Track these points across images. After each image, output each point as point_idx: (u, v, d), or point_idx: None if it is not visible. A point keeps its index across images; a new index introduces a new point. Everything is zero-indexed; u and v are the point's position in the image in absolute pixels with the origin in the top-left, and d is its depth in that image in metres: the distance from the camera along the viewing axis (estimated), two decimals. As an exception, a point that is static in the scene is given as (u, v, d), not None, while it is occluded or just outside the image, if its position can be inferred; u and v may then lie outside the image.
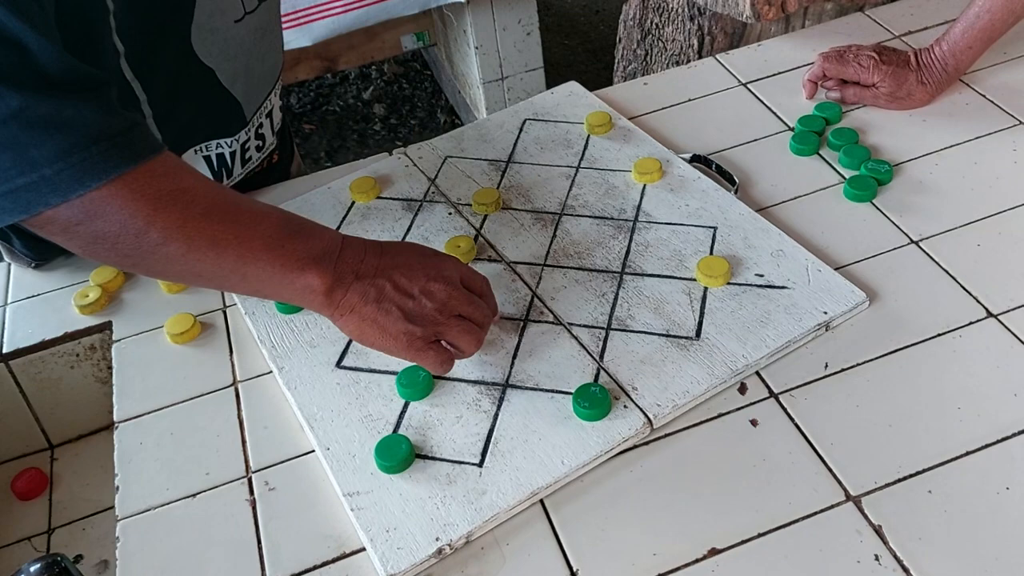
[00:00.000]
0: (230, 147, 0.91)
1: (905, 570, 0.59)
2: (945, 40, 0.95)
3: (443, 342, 0.70)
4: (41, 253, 0.93)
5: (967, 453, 0.65)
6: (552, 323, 0.78)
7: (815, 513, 0.63)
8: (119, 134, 0.62)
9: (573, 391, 0.70)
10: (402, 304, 0.68)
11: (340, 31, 2.06)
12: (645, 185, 0.90)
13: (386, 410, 0.72)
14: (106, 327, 0.86)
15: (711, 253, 0.82)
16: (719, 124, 0.99)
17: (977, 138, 0.91)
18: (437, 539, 0.63)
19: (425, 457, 0.69)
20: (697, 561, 0.61)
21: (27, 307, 0.90)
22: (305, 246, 0.67)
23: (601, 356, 0.74)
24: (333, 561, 0.64)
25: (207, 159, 0.91)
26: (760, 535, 0.62)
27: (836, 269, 0.79)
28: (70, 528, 0.84)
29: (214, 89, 0.86)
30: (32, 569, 0.61)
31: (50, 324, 0.87)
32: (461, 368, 0.75)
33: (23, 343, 0.86)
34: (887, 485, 0.64)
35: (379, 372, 0.76)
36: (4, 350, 0.85)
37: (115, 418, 0.77)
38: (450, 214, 0.91)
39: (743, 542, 0.62)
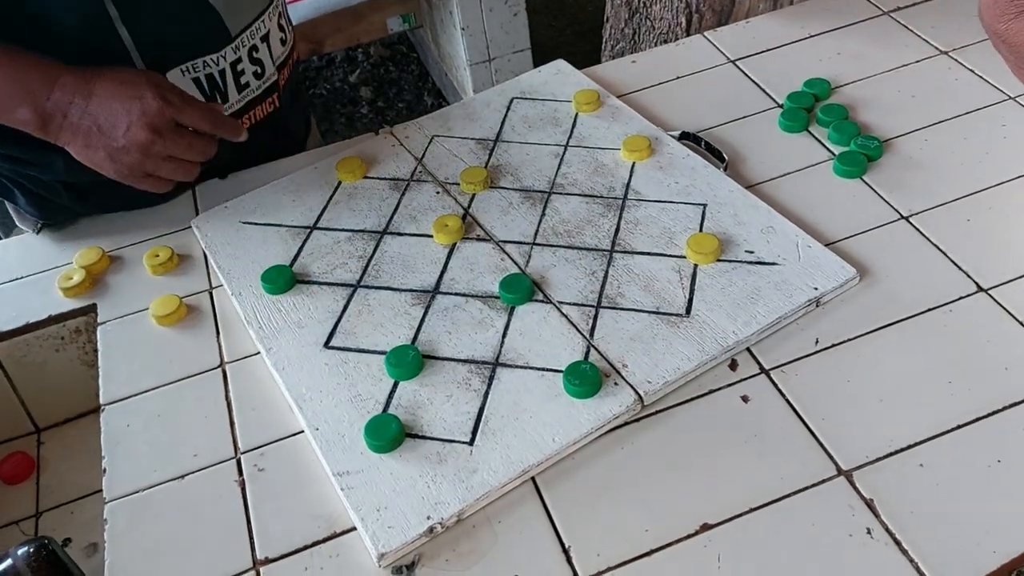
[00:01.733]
0: (217, 65, 0.90)
1: (897, 543, 0.59)
2: None
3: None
4: (47, 213, 0.93)
5: (958, 427, 0.65)
6: (542, 301, 0.77)
7: (807, 488, 0.63)
8: None
9: (563, 369, 0.70)
10: (107, 146, 0.77)
11: (325, 11, 2.05)
12: (634, 163, 0.90)
13: (375, 390, 0.72)
14: (91, 310, 0.85)
15: (701, 230, 0.81)
16: (708, 101, 0.98)
17: (967, 113, 0.91)
18: (428, 517, 0.63)
19: (415, 436, 0.68)
20: (689, 537, 0.61)
21: (10, 290, 0.89)
22: (22, 80, 0.76)
23: (591, 334, 0.74)
24: (324, 541, 0.64)
25: (196, 81, 0.89)
26: (752, 510, 0.62)
27: (826, 245, 0.78)
28: (58, 511, 0.83)
29: None
30: (19, 552, 0.60)
31: (34, 307, 0.86)
32: (451, 347, 0.74)
33: (7, 326, 0.85)
34: (879, 459, 0.64)
35: (368, 352, 0.75)
36: (-12, 334, 0.84)
37: (101, 401, 0.76)
38: (438, 193, 0.90)
39: (735, 517, 0.62)
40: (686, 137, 0.93)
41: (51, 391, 0.89)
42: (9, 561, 0.58)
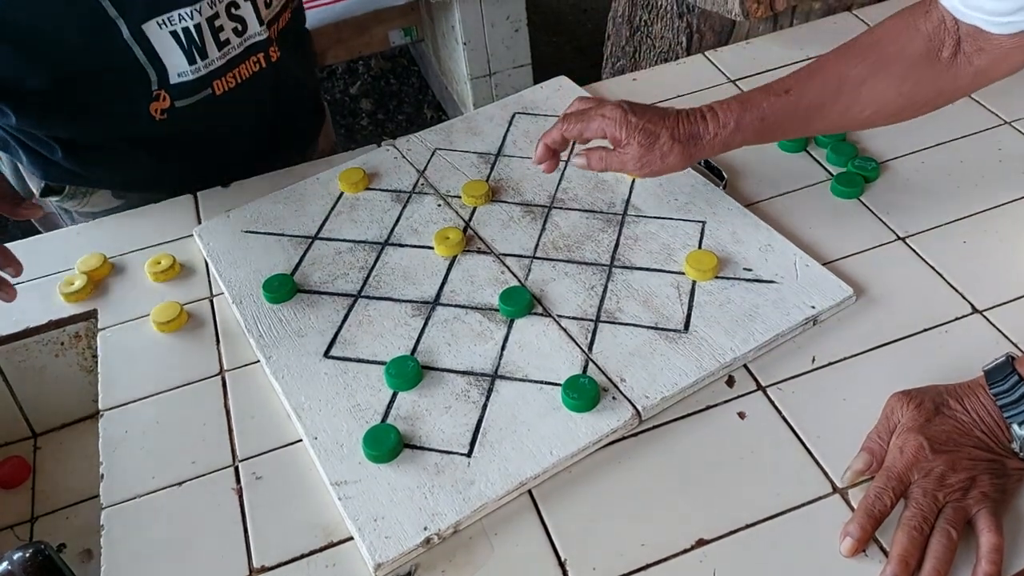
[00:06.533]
0: (192, 19, 0.87)
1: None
2: (731, 114, 0.80)
3: None
4: (47, 172, 0.95)
5: (952, 446, 0.65)
6: (541, 315, 0.78)
7: (802, 505, 0.63)
8: None
9: (562, 382, 0.71)
10: None
11: (328, 21, 2.06)
12: (634, 179, 0.91)
13: (374, 400, 0.72)
14: (91, 315, 0.85)
15: (699, 247, 0.82)
16: (708, 120, 0.99)
17: (963, 137, 0.92)
18: (425, 528, 0.63)
19: (413, 447, 0.69)
20: (685, 552, 0.61)
21: (11, 294, 0.89)
22: None
23: (590, 348, 0.74)
24: (320, 550, 0.64)
25: (174, 35, 0.87)
26: (747, 526, 0.62)
27: (824, 264, 0.79)
28: (53, 517, 0.83)
29: None
30: (15, 557, 0.60)
31: (34, 311, 0.86)
32: (450, 359, 0.75)
33: (7, 331, 0.85)
34: (873, 477, 0.64)
35: (368, 362, 0.75)
36: (-13, 337, 0.84)
37: (100, 406, 0.76)
38: (439, 206, 0.90)
39: (730, 533, 0.62)
40: (686, 155, 0.94)
41: (49, 396, 0.89)
42: (5, 565, 0.58)
